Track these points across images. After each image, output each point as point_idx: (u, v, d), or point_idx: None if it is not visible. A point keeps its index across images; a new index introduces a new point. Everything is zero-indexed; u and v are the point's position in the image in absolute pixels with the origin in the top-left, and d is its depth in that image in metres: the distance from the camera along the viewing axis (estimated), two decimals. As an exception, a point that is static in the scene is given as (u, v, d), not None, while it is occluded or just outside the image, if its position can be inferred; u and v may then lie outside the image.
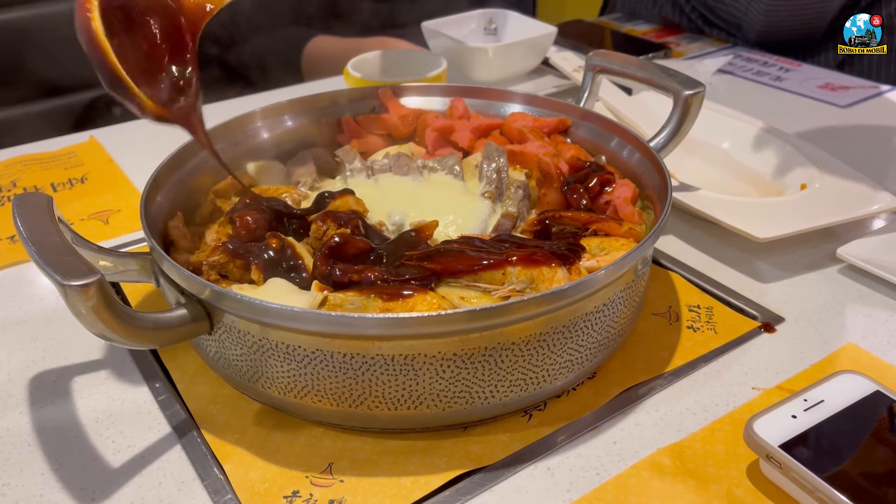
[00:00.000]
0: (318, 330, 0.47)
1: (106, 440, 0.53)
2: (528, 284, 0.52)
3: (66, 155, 0.97)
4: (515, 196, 0.66)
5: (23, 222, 0.48)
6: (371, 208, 0.64)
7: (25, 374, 0.60)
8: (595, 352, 0.54)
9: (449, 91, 0.81)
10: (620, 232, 0.60)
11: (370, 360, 0.48)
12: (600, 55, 0.77)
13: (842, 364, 0.59)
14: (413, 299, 0.51)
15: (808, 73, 1.18)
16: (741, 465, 0.50)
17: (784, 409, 0.49)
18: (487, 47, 1.08)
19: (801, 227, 0.69)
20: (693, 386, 0.57)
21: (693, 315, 0.64)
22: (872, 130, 0.99)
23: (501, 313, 0.47)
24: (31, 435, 0.54)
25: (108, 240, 0.78)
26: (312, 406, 0.51)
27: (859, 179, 0.76)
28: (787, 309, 0.65)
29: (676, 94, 0.69)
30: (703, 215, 0.72)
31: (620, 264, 0.50)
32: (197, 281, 0.49)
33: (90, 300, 0.43)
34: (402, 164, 0.70)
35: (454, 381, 0.49)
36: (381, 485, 0.49)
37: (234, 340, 0.51)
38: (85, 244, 0.55)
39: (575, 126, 0.75)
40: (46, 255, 0.45)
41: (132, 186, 0.89)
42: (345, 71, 1.05)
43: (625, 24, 1.48)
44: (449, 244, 0.57)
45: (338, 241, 0.56)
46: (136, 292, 0.69)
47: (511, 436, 0.52)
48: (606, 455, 0.51)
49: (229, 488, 0.49)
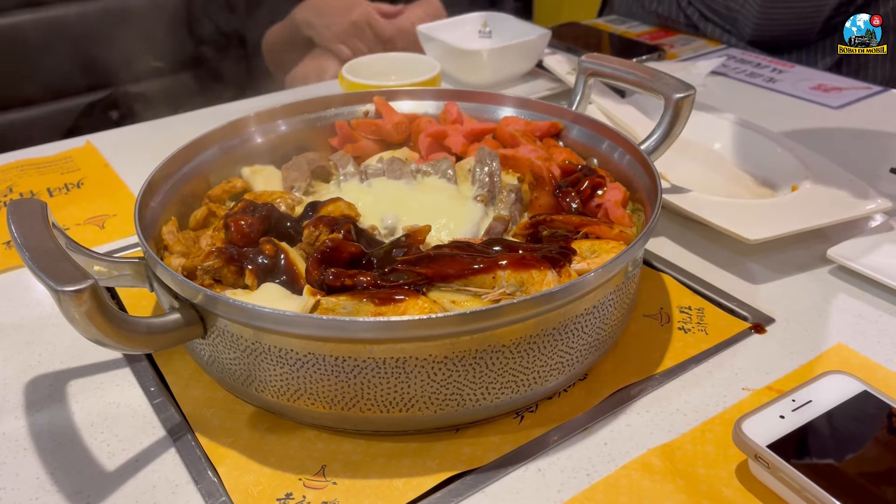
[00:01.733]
0: (310, 334, 0.48)
1: (101, 444, 0.54)
2: (518, 287, 0.53)
3: (63, 160, 0.97)
4: (508, 199, 0.66)
5: (17, 228, 0.49)
6: (364, 212, 0.65)
7: (21, 378, 0.60)
8: (586, 353, 0.54)
9: (442, 95, 0.81)
10: (611, 235, 0.60)
11: (362, 363, 0.48)
12: (592, 58, 0.78)
13: (831, 364, 0.59)
14: (405, 304, 0.51)
15: (800, 75, 1.19)
16: (731, 466, 0.50)
17: (772, 410, 0.49)
18: (482, 50, 1.09)
19: (791, 228, 0.69)
20: (684, 387, 0.57)
21: (684, 316, 0.64)
22: (864, 132, 1.00)
23: (492, 316, 0.47)
24: (27, 439, 0.54)
25: (103, 244, 0.79)
26: (305, 409, 0.51)
27: (850, 181, 0.76)
28: (778, 310, 0.66)
29: (667, 97, 0.69)
30: (695, 217, 0.72)
31: (610, 266, 0.51)
32: (190, 286, 0.50)
33: (83, 305, 0.43)
34: (395, 168, 0.70)
35: (445, 384, 0.49)
36: (374, 486, 0.49)
37: (228, 344, 0.51)
38: (79, 249, 0.55)
39: (567, 129, 0.76)
40: (40, 262, 0.45)
41: (128, 191, 0.89)
42: (339, 75, 1.06)
43: (620, 26, 1.48)
44: (440, 249, 0.57)
45: (330, 245, 0.56)
46: (132, 297, 0.69)
47: (502, 437, 0.53)
48: (597, 456, 0.52)
49: (223, 491, 0.49)
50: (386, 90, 0.82)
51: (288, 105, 0.78)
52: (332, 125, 0.79)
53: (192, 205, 0.69)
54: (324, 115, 0.80)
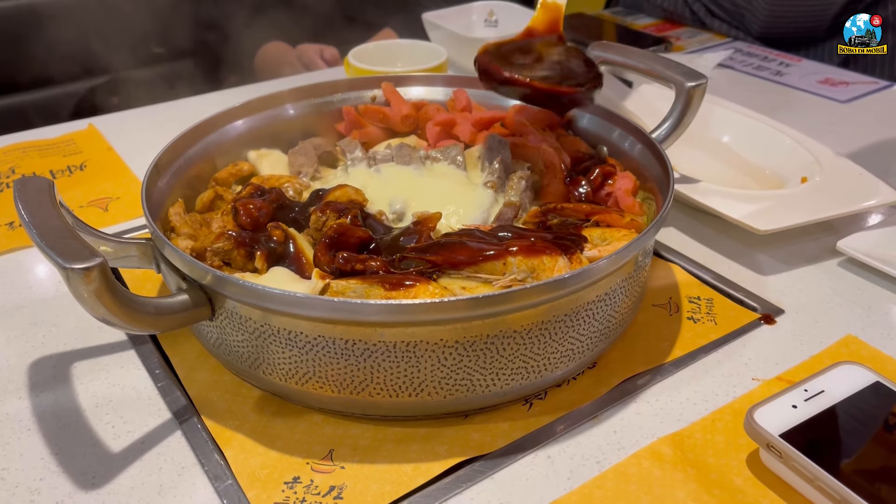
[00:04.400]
0: (320, 316, 0.47)
1: (106, 425, 0.53)
2: (529, 274, 0.53)
3: (65, 142, 0.96)
4: (518, 186, 0.65)
5: (24, 206, 0.48)
6: (372, 198, 0.64)
7: (25, 359, 0.60)
8: (596, 341, 0.54)
9: (451, 81, 0.81)
10: (622, 223, 0.60)
11: (372, 346, 0.48)
12: (601, 46, 0.77)
13: (841, 355, 0.59)
14: (415, 289, 0.51)
15: (808, 69, 1.18)
16: (741, 455, 0.50)
17: (784, 399, 0.49)
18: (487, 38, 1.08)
19: (801, 219, 0.69)
20: (693, 376, 0.57)
21: (693, 306, 0.64)
22: (872, 125, 0.99)
23: (504, 301, 0.47)
24: (31, 420, 0.54)
25: (107, 227, 0.78)
26: (314, 393, 0.51)
27: (859, 173, 0.76)
28: (787, 301, 0.65)
29: (679, 85, 0.69)
30: (704, 207, 0.72)
31: (622, 254, 0.51)
32: (199, 266, 0.49)
33: (92, 283, 0.43)
34: (404, 153, 0.70)
35: (455, 369, 0.49)
36: (382, 471, 0.49)
37: (236, 326, 0.51)
38: (86, 229, 0.55)
39: (577, 118, 0.75)
40: (48, 239, 0.44)
41: (131, 174, 0.88)
42: (345, 61, 1.05)
43: (626, 18, 1.47)
44: (449, 236, 0.57)
45: (337, 230, 0.56)
46: (136, 279, 0.68)
47: (511, 424, 0.52)
48: (607, 444, 0.51)
49: (230, 474, 0.49)
50: (394, 76, 0.81)
51: (295, 89, 0.77)
52: (339, 110, 0.79)
53: (197, 187, 0.68)
54: (330, 99, 0.79)
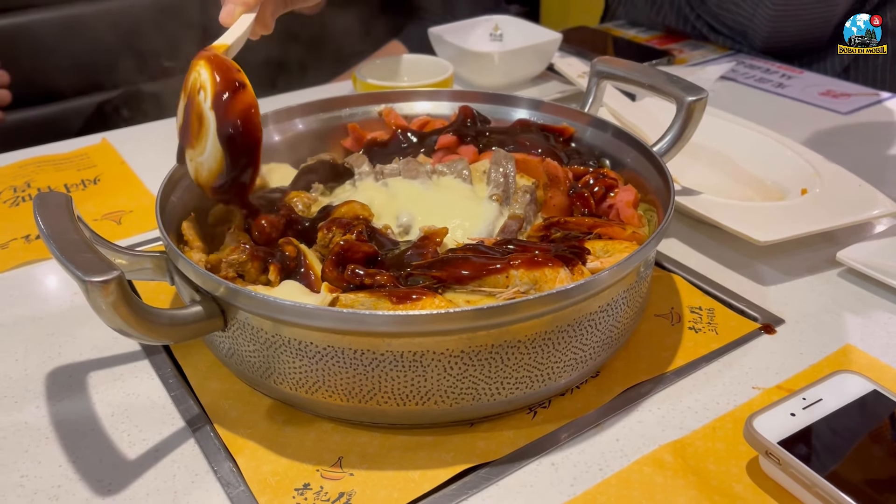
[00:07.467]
0: (330, 327, 0.49)
1: (121, 434, 0.55)
2: (532, 286, 0.54)
3: (79, 156, 0.98)
4: (523, 200, 0.67)
5: (44, 220, 0.50)
6: (379, 212, 0.66)
7: (42, 369, 0.61)
8: (599, 351, 0.55)
9: (457, 96, 0.82)
10: (624, 235, 0.61)
11: (380, 356, 0.49)
12: (604, 62, 0.79)
13: (840, 365, 0.60)
14: (421, 302, 0.52)
15: (809, 81, 1.19)
16: (741, 462, 0.51)
17: (783, 407, 0.50)
18: (493, 53, 1.10)
19: (801, 230, 0.70)
20: (694, 385, 0.58)
21: (695, 316, 0.65)
22: (873, 137, 1.00)
23: (508, 311, 0.48)
24: (49, 428, 0.55)
25: (120, 240, 0.80)
26: (323, 401, 0.52)
27: (859, 184, 0.77)
28: (788, 311, 0.66)
29: (679, 99, 0.70)
30: (706, 219, 0.73)
31: (624, 265, 0.52)
32: (213, 279, 0.51)
33: (110, 296, 0.44)
34: (411, 168, 0.71)
35: (461, 378, 0.50)
36: (390, 478, 0.50)
37: (248, 337, 0.52)
38: (103, 242, 0.56)
39: (580, 131, 0.77)
40: (68, 253, 0.46)
41: (144, 188, 0.90)
42: (353, 76, 1.07)
43: (629, 31, 1.49)
44: (454, 252, 0.58)
45: (344, 247, 0.57)
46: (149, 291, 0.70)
47: (516, 432, 0.53)
48: (609, 451, 0.52)
49: (242, 481, 0.50)
50: (401, 91, 0.83)
51: (304, 104, 0.79)
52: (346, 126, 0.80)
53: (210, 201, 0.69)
54: (339, 114, 0.81)
